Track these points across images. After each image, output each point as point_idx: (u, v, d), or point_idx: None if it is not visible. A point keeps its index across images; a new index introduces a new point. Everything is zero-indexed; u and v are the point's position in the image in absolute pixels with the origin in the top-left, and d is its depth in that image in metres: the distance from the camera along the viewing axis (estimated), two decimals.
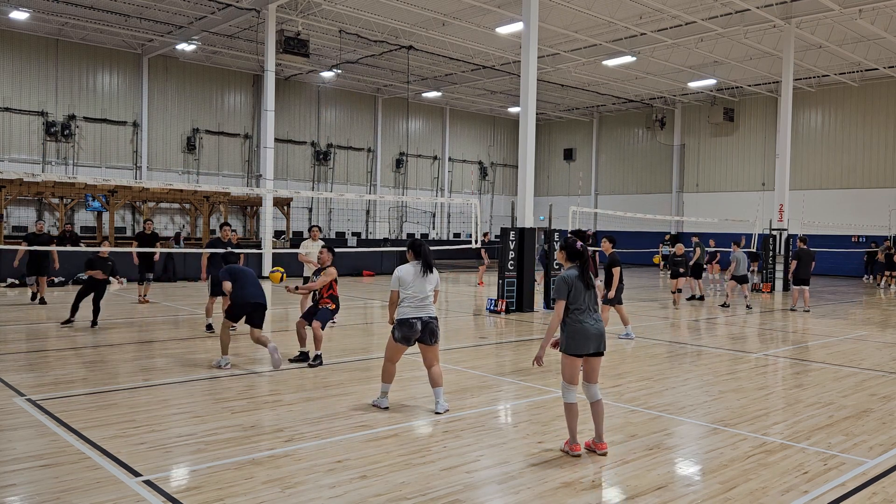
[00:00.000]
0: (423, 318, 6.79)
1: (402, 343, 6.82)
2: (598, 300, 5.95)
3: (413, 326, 6.76)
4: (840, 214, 30.86)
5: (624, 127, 40.50)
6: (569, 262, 5.90)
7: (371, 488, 4.88)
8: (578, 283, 5.75)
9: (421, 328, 6.78)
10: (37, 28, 26.21)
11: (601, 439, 5.75)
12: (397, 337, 6.81)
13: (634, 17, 23.45)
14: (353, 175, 36.57)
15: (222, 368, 8.77)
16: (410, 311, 6.78)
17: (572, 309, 5.71)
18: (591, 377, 5.79)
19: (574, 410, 5.70)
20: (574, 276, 5.77)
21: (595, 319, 5.76)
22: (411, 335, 6.78)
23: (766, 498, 4.87)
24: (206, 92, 31.45)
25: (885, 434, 6.51)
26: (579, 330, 5.68)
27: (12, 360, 9.04)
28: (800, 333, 13.40)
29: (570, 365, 5.73)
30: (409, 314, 6.77)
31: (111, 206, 23.35)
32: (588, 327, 5.69)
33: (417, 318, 6.77)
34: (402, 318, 6.78)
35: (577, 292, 5.73)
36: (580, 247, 5.86)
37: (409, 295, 6.79)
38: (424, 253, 6.93)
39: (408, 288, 6.80)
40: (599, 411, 5.76)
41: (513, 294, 15.84)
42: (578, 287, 5.74)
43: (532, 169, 16.68)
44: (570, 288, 5.73)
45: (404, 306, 6.80)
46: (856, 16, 21.74)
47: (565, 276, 5.78)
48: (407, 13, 23.61)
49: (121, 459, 5.32)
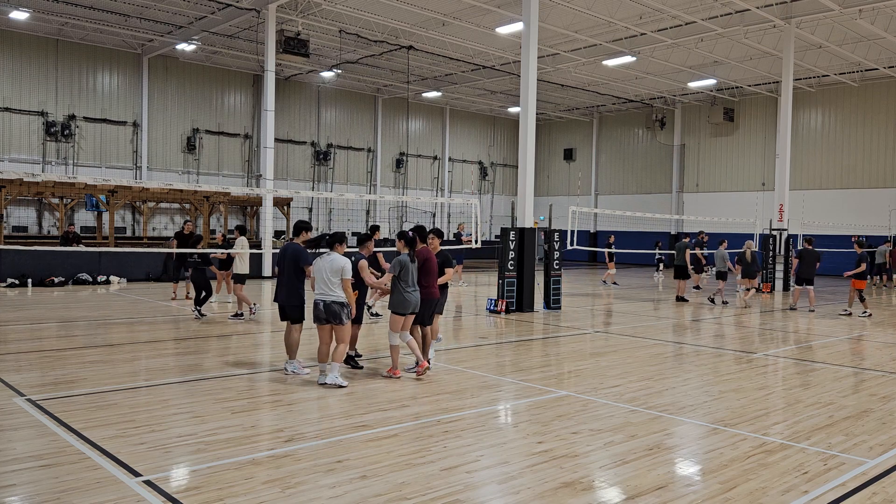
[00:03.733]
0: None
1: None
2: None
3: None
4: (840, 214, 30.86)
5: (624, 127, 40.50)
6: (406, 248, 8.35)
7: (371, 488, 4.88)
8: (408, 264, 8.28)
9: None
10: (37, 28, 26.21)
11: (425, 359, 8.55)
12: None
13: (634, 17, 23.44)
14: (353, 175, 36.57)
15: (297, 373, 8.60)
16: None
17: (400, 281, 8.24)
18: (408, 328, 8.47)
19: (398, 350, 8.47)
20: (406, 259, 8.26)
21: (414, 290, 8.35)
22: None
23: (766, 498, 4.87)
24: (206, 92, 31.45)
25: (885, 434, 6.51)
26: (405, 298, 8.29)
27: (12, 360, 9.04)
28: (800, 333, 13.40)
29: (396, 321, 8.31)
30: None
31: (111, 206, 23.34)
32: (409, 296, 8.28)
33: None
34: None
35: (405, 271, 8.24)
36: (412, 236, 8.38)
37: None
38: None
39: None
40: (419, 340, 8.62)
41: (513, 294, 15.83)
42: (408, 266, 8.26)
43: (532, 169, 16.68)
44: (402, 266, 8.21)
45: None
46: (856, 16, 21.74)
47: (400, 259, 8.25)
48: (407, 13, 23.61)
49: (121, 459, 5.32)
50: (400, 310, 8.25)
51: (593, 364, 9.79)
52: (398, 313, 8.26)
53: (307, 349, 9.58)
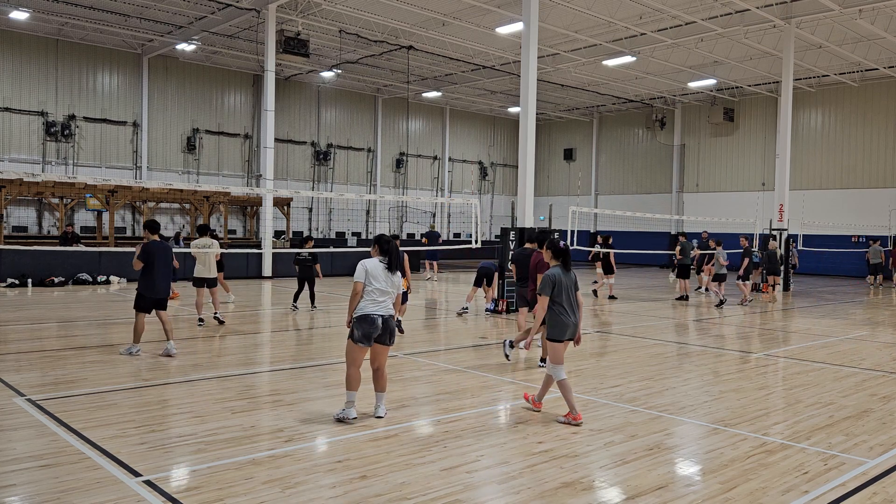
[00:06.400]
0: (385, 315, 6.50)
1: (363, 342, 6.43)
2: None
3: (374, 323, 6.40)
4: (840, 214, 30.86)
5: (624, 127, 40.50)
6: (554, 259, 6.97)
7: (371, 488, 4.87)
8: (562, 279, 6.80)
9: (382, 325, 6.48)
10: (37, 28, 26.21)
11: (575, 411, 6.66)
12: (357, 336, 6.43)
13: (634, 17, 23.44)
14: (353, 175, 36.57)
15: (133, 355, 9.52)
16: (372, 307, 6.45)
17: (556, 302, 6.77)
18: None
19: (568, 385, 6.71)
20: (558, 273, 6.82)
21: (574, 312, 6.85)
22: (372, 332, 6.42)
23: (766, 498, 4.87)
24: (206, 92, 31.44)
25: (886, 434, 6.51)
26: (562, 321, 6.78)
27: (12, 360, 9.04)
28: (800, 333, 13.40)
29: (556, 349, 6.79)
30: (371, 310, 6.44)
31: (111, 206, 23.34)
32: (567, 319, 6.78)
33: (378, 315, 6.45)
34: (363, 313, 6.42)
35: (560, 288, 6.79)
36: (563, 246, 6.94)
37: (374, 289, 6.48)
38: (393, 251, 6.61)
39: (373, 283, 6.48)
40: (567, 387, 6.73)
41: (513, 294, 15.81)
42: (563, 282, 6.81)
43: (532, 169, 16.68)
44: (556, 283, 6.77)
45: (366, 301, 6.46)
46: (856, 16, 21.73)
47: (551, 274, 6.80)
48: (407, 13, 23.61)
49: (121, 459, 5.32)
50: (558, 336, 6.80)
51: (593, 364, 9.79)
52: (556, 340, 6.80)
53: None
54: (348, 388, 6.53)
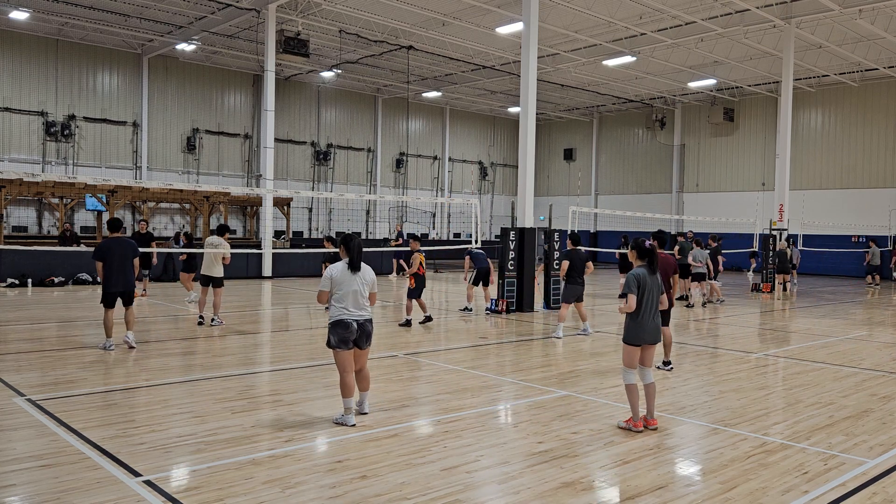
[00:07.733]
0: (360, 319, 6.45)
1: (341, 347, 6.38)
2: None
3: (349, 327, 6.37)
4: (840, 214, 30.86)
5: (624, 127, 40.50)
6: (639, 260, 6.65)
7: (371, 488, 4.87)
8: (647, 280, 6.53)
9: (357, 329, 6.44)
10: (37, 28, 26.21)
11: (652, 416, 6.52)
12: (333, 342, 6.39)
13: (634, 17, 23.44)
14: (353, 175, 36.57)
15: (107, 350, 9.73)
16: (345, 313, 6.41)
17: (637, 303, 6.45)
18: (647, 362, 6.65)
19: (634, 390, 6.44)
20: (643, 273, 6.52)
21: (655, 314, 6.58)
22: (348, 336, 6.38)
23: (766, 498, 4.87)
24: (206, 92, 31.45)
25: (886, 434, 6.50)
26: (640, 323, 6.52)
27: (12, 360, 9.04)
28: (800, 333, 13.39)
29: (630, 352, 6.57)
30: (344, 315, 6.41)
31: (111, 206, 23.33)
32: (645, 322, 6.51)
33: (353, 320, 6.42)
34: (338, 319, 6.40)
35: (643, 289, 6.50)
36: (649, 245, 6.58)
37: (343, 294, 6.41)
38: (354, 249, 6.50)
39: (341, 288, 6.41)
40: (651, 392, 6.57)
41: (513, 294, 15.83)
42: (647, 283, 6.52)
43: (532, 169, 16.68)
44: (640, 284, 6.47)
45: (339, 307, 6.42)
46: (856, 16, 21.74)
47: (636, 273, 6.50)
48: (407, 13, 23.61)
49: (121, 459, 5.32)
50: (632, 339, 6.53)
51: (594, 364, 9.79)
52: (632, 343, 6.56)
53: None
54: (344, 396, 6.48)
